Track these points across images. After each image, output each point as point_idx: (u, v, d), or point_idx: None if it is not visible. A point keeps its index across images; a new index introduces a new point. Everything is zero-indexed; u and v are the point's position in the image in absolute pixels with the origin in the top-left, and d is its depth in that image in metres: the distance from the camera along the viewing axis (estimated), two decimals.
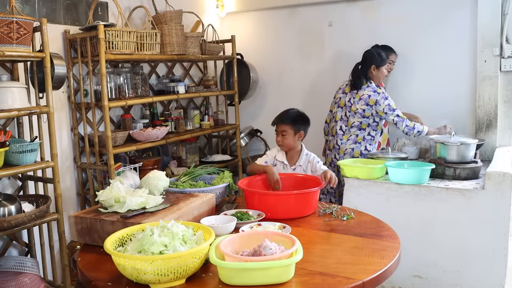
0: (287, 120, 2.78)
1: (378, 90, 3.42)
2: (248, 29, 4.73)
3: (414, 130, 3.36)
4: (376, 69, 3.48)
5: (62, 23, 3.18)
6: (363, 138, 3.50)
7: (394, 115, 3.36)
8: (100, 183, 3.30)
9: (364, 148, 3.50)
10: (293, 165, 2.81)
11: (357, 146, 3.51)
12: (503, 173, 2.72)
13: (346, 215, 2.22)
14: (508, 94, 3.61)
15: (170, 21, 3.61)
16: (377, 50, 3.54)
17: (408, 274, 3.01)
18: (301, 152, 2.83)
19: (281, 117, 2.83)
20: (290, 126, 2.76)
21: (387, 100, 3.38)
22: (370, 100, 3.40)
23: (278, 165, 2.80)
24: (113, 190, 2.03)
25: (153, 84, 3.97)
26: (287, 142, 2.77)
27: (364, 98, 3.42)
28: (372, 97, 3.40)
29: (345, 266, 1.65)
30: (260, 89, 4.76)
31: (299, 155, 2.83)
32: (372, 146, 3.53)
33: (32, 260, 2.62)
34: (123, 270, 1.51)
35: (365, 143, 3.51)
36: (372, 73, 3.49)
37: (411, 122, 3.38)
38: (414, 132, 3.37)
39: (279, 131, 2.80)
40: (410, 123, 3.36)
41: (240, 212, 2.17)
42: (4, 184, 2.86)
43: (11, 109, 2.52)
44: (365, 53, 3.55)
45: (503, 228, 2.74)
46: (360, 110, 3.43)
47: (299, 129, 2.79)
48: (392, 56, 3.79)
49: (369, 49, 3.58)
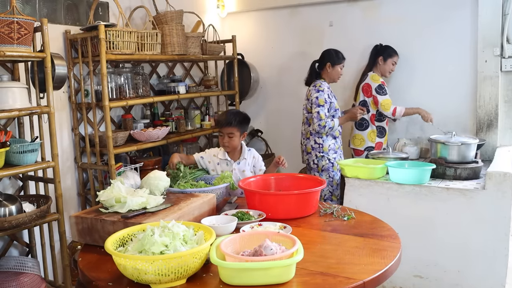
0: (234, 123, 2.78)
1: (317, 84, 3.52)
2: (249, 29, 4.73)
3: (324, 128, 3.43)
4: (331, 67, 3.56)
5: (62, 23, 3.18)
6: (311, 133, 3.57)
7: (316, 110, 3.44)
8: (101, 183, 3.30)
9: (313, 142, 3.55)
10: (237, 160, 2.82)
11: (308, 142, 3.60)
12: (503, 173, 2.72)
13: (346, 215, 2.21)
14: (509, 94, 3.61)
15: (171, 21, 3.61)
16: (336, 49, 3.63)
17: (409, 274, 3.01)
18: (242, 148, 2.88)
19: (228, 120, 2.79)
20: (237, 129, 2.78)
21: (318, 93, 3.46)
22: (308, 94, 3.56)
23: (221, 163, 2.83)
24: (114, 190, 2.03)
25: (153, 84, 3.97)
26: (233, 143, 2.80)
27: (307, 93, 3.59)
28: (310, 91, 3.55)
29: (346, 266, 1.65)
30: (261, 89, 4.76)
31: (241, 150, 2.87)
32: (323, 138, 3.53)
33: (33, 260, 2.62)
34: (124, 270, 1.51)
35: (313, 137, 3.55)
36: (327, 70, 3.58)
37: (325, 121, 3.41)
38: (325, 130, 3.44)
39: (225, 133, 2.78)
40: (323, 123, 3.41)
41: (241, 212, 2.17)
42: (5, 184, 2.86)
43: (12, 109, 2.52)
44: (323, 51, 3.65)
45: (503, 228, 2.74)
46: (304, 105, 3.61)
47: (244, 130, 2.85)
48: (395, 57, 3.82)
49: (328, 48, 3.66)
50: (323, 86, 3.50)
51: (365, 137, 3.80)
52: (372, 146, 3.79)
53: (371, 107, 3.75)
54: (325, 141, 3.53)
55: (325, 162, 3.54)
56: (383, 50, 3.83)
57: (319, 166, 3.56)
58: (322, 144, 3.53)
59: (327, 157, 3.53)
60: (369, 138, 3.79)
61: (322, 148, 3.53)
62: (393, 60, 3.81)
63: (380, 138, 3.80)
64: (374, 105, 3.73)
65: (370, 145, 3.79)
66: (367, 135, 3.79)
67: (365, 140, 3.79)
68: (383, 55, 3.80)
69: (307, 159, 3.63)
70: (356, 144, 3.85)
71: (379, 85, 3.71)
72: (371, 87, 3.72)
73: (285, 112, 4.59)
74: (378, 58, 3.82)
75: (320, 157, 3.54)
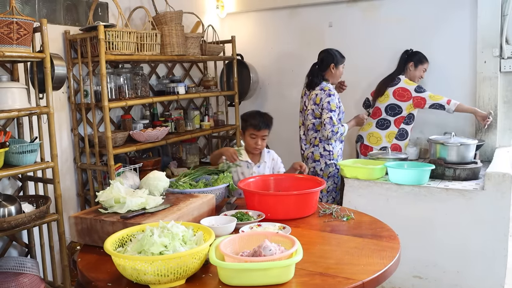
0: (270, 124, 2.77)
1: (325, 88, 3.41)
2: (248, 29, 4.74)
3: (337, 134, 3.34)
4: (335, 68, 3.49)
5: (62, 23, 3.18)
6: (319, 140, 3.46)
7: (328, 115, 3.32)
8: (100, 183, 3.30)
9: (323, 150, 3.45)
10: (258, 163, 2.80)
11: (316, 149, 3.47)
12: (502, 174, 2.72)
13: (346, 216, 2.22)
14: (508, 94, 3.61)
15: (170, 22, 3.61)
16: (335, 49, 3.56)
17: (408, 275, 3.01)
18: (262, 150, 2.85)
19: (266, 122, 2.77)
20: (269, 130, 2.78)
21: (330, 97, 3.35)
22: (317, 98, 3.41)
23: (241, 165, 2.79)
24: (113, 191, 2.03)
25: (153, 84, 3.98)
26: (264, 146, 2.78)
27: (313, 97, 3.45)
28: (318, 95, 3.41)
29: (345, 267, 1.65)
30: (260, 89, 4.76)
31: (261, 153, 2.84)
32: (332, 145, 3.45)
33: (32, 261, 2.62)
34: (123, 271, 1.51)
35: (322, 144, 3.45)
36: (331, 71, 3.49)
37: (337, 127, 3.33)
38: (336, 136, 3.36)
39: (259, 135, 2.75)
40: (336, 128, 3.32)
41: (240, 213, 2.17)
42: (4, 184, 2.86)
43: (11, 109, 2.52)
44: (322, 52, 3.57)
45: (503, 228, 2.75)
46: (310, 110, 3.46)
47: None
48: (425, 64, 3.73)
49: (325, 49, 3.59)
50: (333, 90, 3.42)
51: (383, 136, 3.71)
52: (386, 147, 3.67)
53: (405, 110, 3.64)
54: (334, 147, 3.45)
55: (332, 169, 3.46)
56: (414, 55, 3.72)
57: (325, 172, 3.47)
58: (332, 151, 3.43)
59: (335, 163, 3.46)
60: (386, 139, 3.70)
61: (332, 155, 3.44)
62: (424, 67, 3.71)
63: (398, 140, 3.70)
64: (417, 106, 3.60)
65: (386, 145, 3.70)
66: (385, 135, 3.70)
67: (383, 140, 3.70)
68: (413, 60, 3.69)
69: (313, 166, 3.50)
70: (372, 142, 3.75)
71: (418, 85, 3.61)
72: (409, 90, 3.59)
73: (284, 113, 4.58)
74: (408, 63, 3.70)
75: (329, 164, 3.46)
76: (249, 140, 2.76)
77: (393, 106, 3.67)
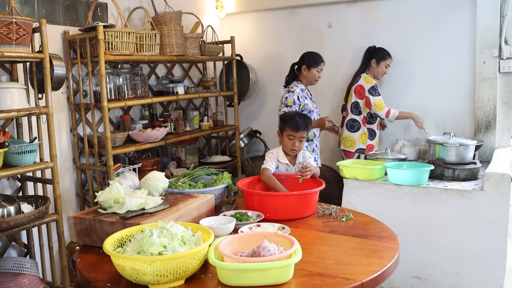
0: (308, 125, 2.69)
1: (291, 86, 3.51)
2: (247, 30, 4.74)
3: None
4: (306, 70, 3.54)
5: (61, 24, 3.18)
6: None
7: (282, 110, 3.40)
8: (100, 184, 3.30)
9: None
10: (294, 165, 2.79)
11: None
12: (501, 174, 2.72)
13: (345, 216, 2.22)
14: (507, 95, 3.61)
15: (169, 22, 3.61)
16: (315, 52, 3.59)
17: (407, 275, 3.01)
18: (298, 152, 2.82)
19: (305, 123, 2.68)
20: (307, 132, 2.71)
21: (288, 94, 3.45)
22: (283, 97, 3.52)
23: (280, 167, 2.76)
24: (112, 191, 2.03)
25: (152, 85, 3.98)
26: (302, 147, 2.69)
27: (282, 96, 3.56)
28: (283, 94, 3.52)
29: (344, 267, 1.65)
30: (260, 90, 4.76)
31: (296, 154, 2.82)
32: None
33: (31, 261, 2.62)
34: (122, 271, 1.51)
35: None
36: (303, 73, 3.55)
37: None
38: None
39: (297, 137, 2.65)
40: None
41: (239, 213, 2.17)
42: (3, 185, 2.86)
43: (10, 109, 2.52)
44: (303, 53, 3.62)
45: (502, 229, 2.75)
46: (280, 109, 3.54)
47: None
48: (388, 60, 3.78)
49: (307, 51, 3.63)
50: (294, 88, 3.47)
51: (356, 139, 3.75)
52: (363, 148, 3.74)
53: (363, 109, 3.72)
54: None
55: None
56: (376, 52, 3.79)
57: None
58: None
59: None
60: (360, 140, 3.74)
61: None
62: (386, 62, 3.77)
63: (371, 140, 3.76)
64: (367, 106, 3.68)
65: (361, 147, 3.74)
66: (358, 137, 3.74)
67: (356, 142, 3.75)
68: (376, 57, 3.76)
69: None
70: (347, 145, 3.79)
71: (372, 86, 3.66)
72: (364, 89, 3.68)
73: None
74: (371, 60, 3.77)
75: None
76: (286, 141, 2.69)
77: (356, 104, 3.76)
